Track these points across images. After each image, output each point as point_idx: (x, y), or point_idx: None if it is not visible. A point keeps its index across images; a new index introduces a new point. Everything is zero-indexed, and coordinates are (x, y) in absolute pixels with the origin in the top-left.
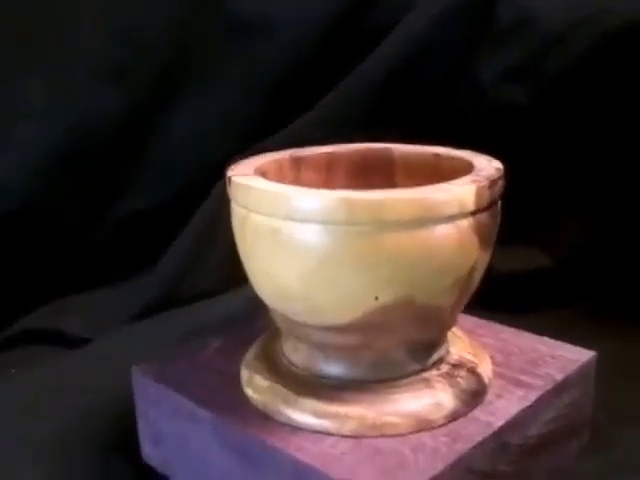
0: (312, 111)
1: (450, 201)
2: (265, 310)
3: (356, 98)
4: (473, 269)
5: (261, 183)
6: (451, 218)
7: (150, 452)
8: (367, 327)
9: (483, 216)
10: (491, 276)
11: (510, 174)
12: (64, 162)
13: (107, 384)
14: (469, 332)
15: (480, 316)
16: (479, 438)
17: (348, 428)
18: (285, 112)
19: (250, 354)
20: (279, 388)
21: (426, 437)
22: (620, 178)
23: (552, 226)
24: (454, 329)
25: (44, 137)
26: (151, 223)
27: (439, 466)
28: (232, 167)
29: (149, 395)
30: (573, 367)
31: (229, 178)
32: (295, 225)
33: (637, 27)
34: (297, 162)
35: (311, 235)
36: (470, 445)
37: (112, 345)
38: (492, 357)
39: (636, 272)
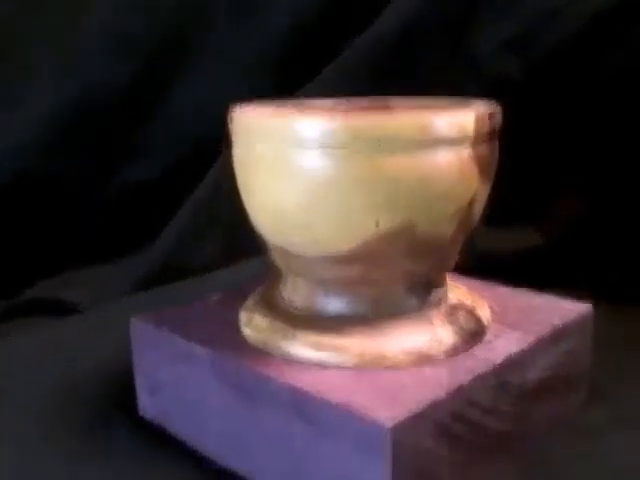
0: (312, 83)
1: (450, 124)
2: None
3: (354, 70)
4: (473, 200)
5: (264, 112)
6: (451, 144)
7: (147, 403)
8: (367, 257)
9: (483, 147)
10: (485, 255)
11: (504, 150)
12: (66, 129)
13: (106, 346)
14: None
15: None
16: (480, 371)
17: (348, 361)
18: (287, 82)
19: (249, 300)
20: (278, 325)
21: (427, 370)
22: (615, 154)
23: (545, 204)
24: (453, 282)
25: (47, 103)
26: (153, 193)
27: (440, 393)
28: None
29: (147, 343)
30: (571, 316)
31: (231, 116)
32: (298, 150)
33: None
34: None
35: (313, 159)
36: (471, 377)
37: (112, 312)
38: (490, 307)
39: (630, 249)
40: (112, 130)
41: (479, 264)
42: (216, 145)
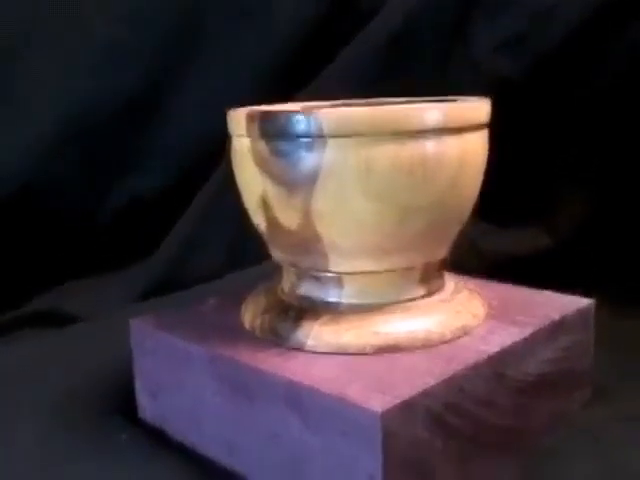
0: (312, 86)
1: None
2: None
3: (353, 69)
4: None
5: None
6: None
7: (147, 406)
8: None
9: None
10: (492, 255)
11: (506, 150)
12: (67, 142)
13: (107, 353)
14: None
15: None
16: (473, 361)
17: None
18: (290, 88)
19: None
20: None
21: (421, 360)
22: (620, 154)
23: (553, 205)
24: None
25: (47, 117)
26: (155, 204)
27: (432, 381)
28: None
29: (146, 344)
30: (570, 310)
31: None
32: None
33: None
34: None
35: None
36: (463, 366)
37: (114, 321)
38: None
39: (636, 248)
40: (113, 143)
41: (486, 264)
42: (216, 156)
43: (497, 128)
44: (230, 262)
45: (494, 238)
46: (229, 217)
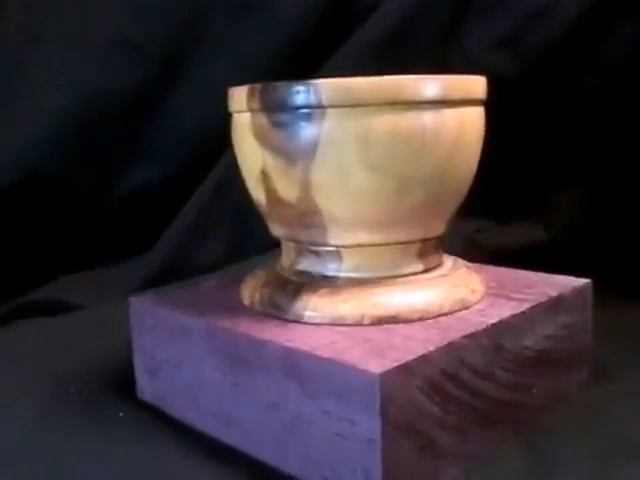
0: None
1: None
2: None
3: (351, 71)
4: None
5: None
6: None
7: (145, 386)
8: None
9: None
10: (489, 252)
11: (502, 147)
12: (69, 134)
13: (106, 339)
14: None
15: None
16: (471, 330)
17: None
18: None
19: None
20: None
21: (419, 330)
22: (614, 148)
23: (547, 199)
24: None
25: (50, 110)
26: (156, 196)
27: (430, 348)
28: None
29: (145, 323)
30: (568, 288)
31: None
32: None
33: None
34: None
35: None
36: (461, 334)
37: (113, 309)
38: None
39: (632, 240)
40: (115, 135)
41: (483, 259)
42: (218, 149)
43: (494, 126)
44: (230, 255)
45: (492, 234)
46: (230, 210)
